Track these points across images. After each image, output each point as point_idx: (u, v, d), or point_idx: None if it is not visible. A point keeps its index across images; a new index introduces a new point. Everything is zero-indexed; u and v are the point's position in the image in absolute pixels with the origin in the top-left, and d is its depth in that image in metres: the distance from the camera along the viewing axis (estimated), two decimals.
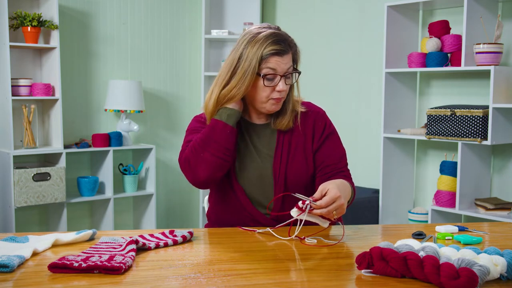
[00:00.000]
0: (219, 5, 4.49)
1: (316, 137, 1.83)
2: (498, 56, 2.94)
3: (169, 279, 1.22)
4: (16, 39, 3.60)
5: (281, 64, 1.71)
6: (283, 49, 1.71)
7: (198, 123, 1.86)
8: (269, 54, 1.69)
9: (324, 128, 1.84)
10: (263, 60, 1.69)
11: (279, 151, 1.80)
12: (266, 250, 1.48)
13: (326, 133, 1.84)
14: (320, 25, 4.14)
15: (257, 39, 1.70)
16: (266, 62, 1.70)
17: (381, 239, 1.63)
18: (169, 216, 4.53)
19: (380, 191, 3.43)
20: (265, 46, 1.69)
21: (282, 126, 1.80)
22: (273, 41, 1.70)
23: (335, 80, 4.04)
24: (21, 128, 3.66)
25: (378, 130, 3.70)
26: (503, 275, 1.23)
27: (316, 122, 1.84)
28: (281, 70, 1.71)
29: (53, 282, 1.19)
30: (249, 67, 1.69)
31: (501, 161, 3.20)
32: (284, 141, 1.81)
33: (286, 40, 1.73)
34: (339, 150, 1.84)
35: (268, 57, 1.69)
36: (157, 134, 4.41)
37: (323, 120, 1.86)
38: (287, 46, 1.72)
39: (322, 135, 1.83)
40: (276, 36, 1.71)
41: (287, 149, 1.80)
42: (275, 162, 1.78)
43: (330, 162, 1.80)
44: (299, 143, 1.81)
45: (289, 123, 1.81)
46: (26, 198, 3.49)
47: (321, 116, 1.87)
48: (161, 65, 4.39)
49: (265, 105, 1.76)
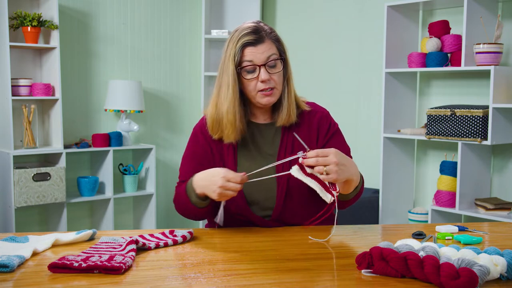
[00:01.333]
0: (219, 5, 4.49)
1: (321, 136, 1.83)
2: (498, 56, 2.94)
3: (169, 279, 1.22)
4: (16, 39, 3.60)
5: (257, 53, 1.71)
6: (255, 39, 1.71)
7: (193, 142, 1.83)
8: (242, 47, 1.71)
9: (329, 127, 1.85)
10: (241, 55, 1.71)
11: (282, 150, 1.79)
12: (266, 250, 1.48)
13: (331, 132, 1.84)
14: (320, 25, 4.14)
15: (232, 37, 1.74)
16: (243, 55, 1.71)
17: (381, 239, 1.63)
18: (169, 216, 4.53)
19: (380, 191, 3.43)
20: (237, 41, 1.71)
21: (283, 121, 1.79)
22: (244, 34, 1.71)
23: (335, 80, 4.04)
24: (21, 128, 3.66)
25: (378, 130, 3.70)
26: (503, 275, 1.23)
27: (321, 121, 1.84)
28: (258, 60, 1.71)
29: (53, 282, 1.19)
30: (229, 67, 1.72)
31: (501, 161, 3.20)
32: (288, 140, 1.80)
33: (259, 30, 1.72)
34: (344, 148, 1.84)
35: (243, 49, 1.71)
36: (157, 134, 4.41)
37: (328, 119, 1.86)
38: (261, 36, 1.72)
39: (327, 134, 1.84)
40: (248, 29, 1.72)
41: (290, 148, 1.79)
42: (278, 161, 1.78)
43: None
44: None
45: (290, 118, 1.79)
46: (26, 198, 3.49)
47: (326, 116, 1.87)
48: (161, 65, 4.39)
49: (258, 99, 1.75)
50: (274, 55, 1.73)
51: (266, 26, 1.76)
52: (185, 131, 4.53)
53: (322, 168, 1.53)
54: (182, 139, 4.52)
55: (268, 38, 1.73)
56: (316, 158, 1.53)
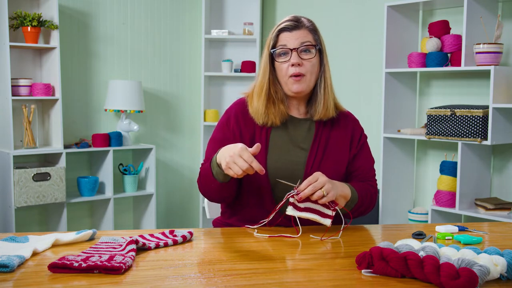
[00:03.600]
0: (219, 5, 4.49)
1: (354, 143, 1.85)
2: (498, 56, 2.94)
3: (169, 279, 1.22)
4: (16, 39, 3.60)
5: (291, 39, 1.74)
6: (292, 25, 1.75)
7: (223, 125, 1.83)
8: (278, 32, 1.76)
9: (361, 137, 1.88)
10: (276, 40, 1.76)
11: (315, 146, 1.80)
12: (266, 250, 1.48)
13: (362, 141, 1.88)
14: (320, 25, 4.10)
15: (272, 28, 1.80)
16: (278, 40, 1.76)
17: (381, 239, 1.63)
18: (169, 216, 4.53)
19: (380, 191, 3.43)
20: (276, 28, 1.77)
21: (320, 114, 1.80)
22: (283, 21, 1.78)
23: (335, 80, 4.02)
24: (21, 128, 3.66)
25: (378, 130, 3.70)
26: (503, 275, 1.23)
27: (355, 128, 1.88)
28: (291, 44, 1.74)
29: (53, 282, 1.19)
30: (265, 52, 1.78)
31: (501, 161, 3.20)
32: (322, 137, 1.81)
33: (297, 19, 1.78)
34: (370, 160, 1.90)
35: (278, 35, 1.76)
36: (157, 134, 4.41)
37: (360, 128, 1.91)
38: (298, 23, 1.77)
39: (359, 143, 1.87)
40: (287, 17, 1.79)
41: (323, 145, 1.80)
42: (310, 155, 1.78)
43: (360, 171, 1.85)
44: (336, 143, 1.82)
45: (328, 111, 1.81)
46: (26, 198, 3.49)
47: (358, 124, 1.91)
48: (161, 65, 4.39)
49: (289, 85, 1.76)
50: (308, 41, 1.76)
51: (306, 18, 1.81)
52: (185, 131, 4.53)
53: (321, 191, 1.57)
54: (182, 139, 4.52)
55: (305, 27, 1.78)
56: (311, 185, 1.57)
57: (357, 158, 1.85)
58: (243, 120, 1.81)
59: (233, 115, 1.83)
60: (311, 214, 1.62)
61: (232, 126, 1.81)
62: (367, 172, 1.86)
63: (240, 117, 1.81)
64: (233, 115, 1.83)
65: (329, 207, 1.62)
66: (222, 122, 1.85)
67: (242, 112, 1.82)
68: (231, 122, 1.81)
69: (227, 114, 1.85)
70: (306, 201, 1.61)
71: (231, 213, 1.85)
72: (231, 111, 1.85)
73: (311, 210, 1.62)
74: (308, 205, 1.62)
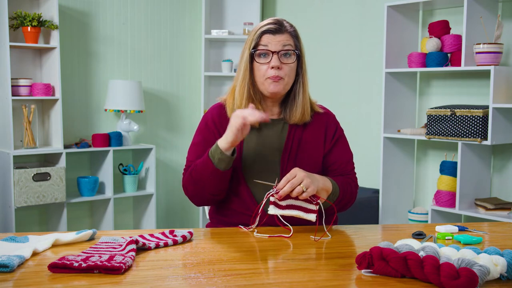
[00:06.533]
0: (219, 5, 4.49)
1: (328, 139, 1.85)
2: (498, 56, 2.94)
3: (169, 279, 1.22)
4: (16, 39, 3.60)
5: (273, 41, 1.75)
6: (275, 28, 1.76)
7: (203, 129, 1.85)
8: (261, 34, 1.76)
9: (335, 131, 1.88)
10: (258, 41, 1.76)
11: (289, 145, 1.81)
12: (266, 250, 1.48)
13: (337, 136, 1.87)
14: (320, 25, 4.14)
15: (254, 28, 1.81)
16: (260, 41, 1.77)
17: (381, 239, 1.63)
18: (169, 216, 4.53)
19: (380, 191, 3.43)
20: (258, 29, 1.78)
21: (295, 118, 1.81)
22: (266, 24, 1.78)
23: (335, 80, 4.04)
24: (21, 128, 3.66)
25: (378, 130, 3.70)
26: (503, 275, 1.23)
27: (328, 124, 1.88)
28: (273, 47, 1.75)
29: (53, 282, 1.19)
30: (245, 52, 1.79)
31: (501, 161, 3.20)
32: (295, 136, 1.82)
33: (280, 22, 1.79)
34: (348, 153, 1.89)
35: (261, 36, 1.76)
36: (157, 134, 4.41)
37: (335, 123, 1.90)
38: (281, 27, 1.77)
39: (333, 138, 1.86)
40: (270, 20, 1.79)
41: (297, 144, 1.81)
42: (284, 155, 1.79)
43: (338, 165, 1.84)
44: (310, 141, 1.83)
45: (304, 117, 1.82)
46: (26, 198, 3.49)
47: (333, 119, 1.91)
48: (161, 65, 4.39)
49: (266, 85, 1.77)
50: (289, 46, 1.77)
51: (288, 23, 1.81)
52: (185, 131, 4.53)
53: (300, 187, 1.57)
54: (182, 139, 4.52)
55: (288, 32, 1.79)
56: (289, 182, 1.58)
57: (333, 152, 1.85)
58: (220, 123, 1.83)
59: (210, 119, 1.86)
60: (294, 211, 1.61)
61: (211, 128, 1.84)
62: (345, 166, 1.86)
63: (217, 121, 1.84)
64: (210, 119, 1.86)
65: (312, 202, 1.61)
66: (200, 126, 1.88)
67: (219, 116, 1.85)
68: (210, 125, 1.85)
69: (204, 119, 1.88)
70: (287, 198, 1.61)
71: (218, 220, 1.87)
72: (208, 116, 1.88)
73: (293, 207, 1.62)
74: (290, 202, 1.61)
